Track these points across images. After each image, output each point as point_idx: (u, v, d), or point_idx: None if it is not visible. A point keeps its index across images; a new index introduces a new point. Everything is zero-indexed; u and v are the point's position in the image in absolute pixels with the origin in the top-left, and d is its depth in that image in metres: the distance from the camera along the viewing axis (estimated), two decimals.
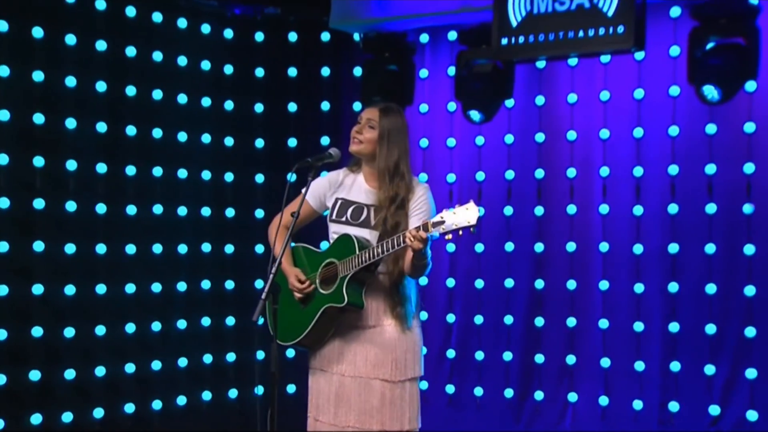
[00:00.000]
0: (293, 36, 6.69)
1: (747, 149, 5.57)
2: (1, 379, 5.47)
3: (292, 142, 6.71)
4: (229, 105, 6.54)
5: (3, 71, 5.49)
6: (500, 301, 6.34)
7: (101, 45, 5.89)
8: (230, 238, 6.53)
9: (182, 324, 6.28)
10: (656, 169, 5.84)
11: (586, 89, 6.06)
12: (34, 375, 5.58)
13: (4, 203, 5.51)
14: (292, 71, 6.70)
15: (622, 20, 5.24)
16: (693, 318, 5.72)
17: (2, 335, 5.50)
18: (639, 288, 5.88)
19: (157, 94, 6.18)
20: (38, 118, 5.64)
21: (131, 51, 6.03)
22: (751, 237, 5.56)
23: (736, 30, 5.22)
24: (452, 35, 6.36)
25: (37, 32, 5.62)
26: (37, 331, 5.61)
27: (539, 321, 6.22)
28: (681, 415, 5.76)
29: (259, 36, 6.64)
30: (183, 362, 6.28)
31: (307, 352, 3.90)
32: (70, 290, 5.75)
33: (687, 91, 5.56)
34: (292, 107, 6.72)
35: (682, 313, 5.76)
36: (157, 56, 6.19)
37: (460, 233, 3.39)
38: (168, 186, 6.23)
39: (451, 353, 6.51)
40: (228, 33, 6.54)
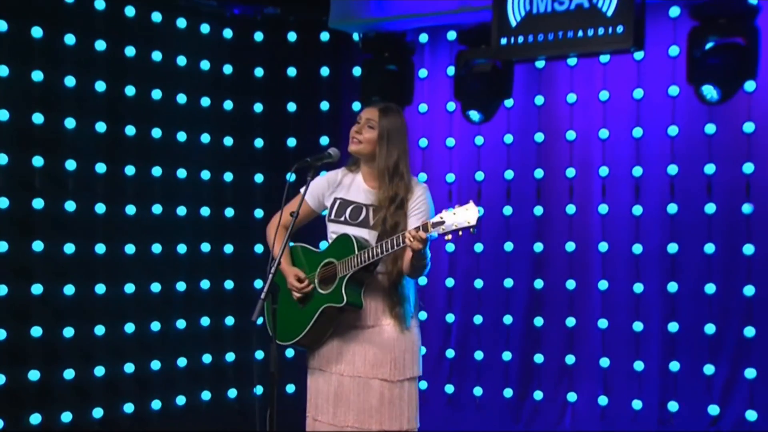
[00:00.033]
0: (293, 36, 6.69)
1: (746, 149, 5.57)
2: (1, 379, 5.47)
3: (292, 142, 6.70)
4: (229, 105, 6.54)
5: (2, 71, 5.49)
6: (499, 301, 6.34)
7: (100, 45, 5.89)
8: (229, 238, 6.53)
9: (181, 324, 6.28)
10: (655, 169, 5.84)
11: (586, 89, 6.06)
12: (34, 375, 5.58)
13: (4, 203, 5.50)
14: (292, 71, 6.70)
15: (622, 20, 5.24)
16: (692, 318, 5.72)
17: (1, 335, 5.50)
18: (638, 288, 5.87)
19: (157, 94, 6.18)
20: (37, 118, 5.64)
21: (130, 51, 6.03)
22: (751, 237, 5.56)
23: (736, 30, 5.22)
24: (451, 35, 6.36)
25: (37, 32, 5.62)
26: (37, 331, 5.60)
27: (538, 321, 6.22)
28: (680, 415, 5.76)
29: (259, 36, 6.64)
30: (182, 362, 6.28)
31: (306, 352, 3.90)
32: (70, 290, 5.75)
33: (686, 91, 5.56)
34: (292, 107, 6.72)
35: (682, 313, 5.76)
36: (157, 56, 6.19)
37: (460, 234, 3.38)
38: (167, 186, 6.23)
39: (451, 353, 6.51)
40: (227, 33, 6.54)
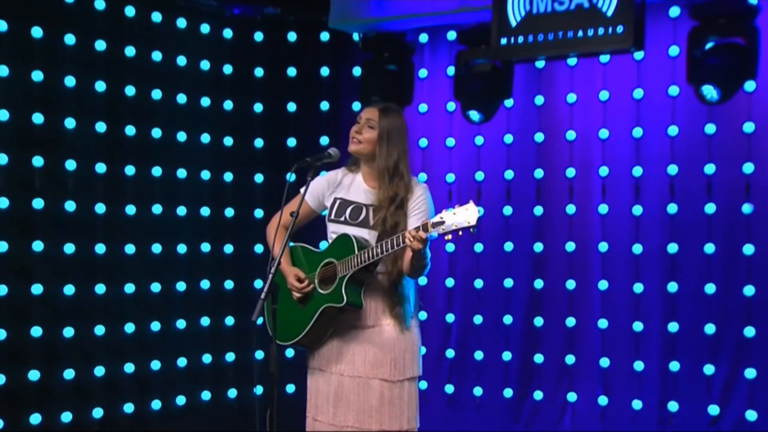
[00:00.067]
0: (292, 36, 6.69)
1: (746, 149, 5.57)
2: (1, 379, 5.47)
3: (292, 142, 6.70)
4: (229, 105, 6.54)
5: (2, 71, 5.49)
6: (499, 301, 6.34)
7: (100, 45, 5.89)
8: (229, 238, 6.52)
9: (181, 324, 6.28)
10: (655, 169, 5.84)
11: (586, 89, 6.06)
12: (34, 375, 5.58)
13: (4, 203, 5.50)
14: (292, 71, 6.69)
15: (622, 20, 5.23)
16: (692, 318, 5.72)
17: (1, 335, 5.50)
18: (638, 288, 5.87)
19: (157, 94, 6.18)
20: (37, 118, 5.64)
21: (130, 51, 6.03)
22: (751, 237, 5.56)
23: (736, 30, 5.22)
24: (451, 35, 6.36)
25: (37, 32, 5.62)
26: (37, 331, 5.60)
27: (538, 321, 6.21)
28: (680, 415, 5.76)
29: (259, 36, 6.64)
30: (182, 362, 6.28)
31: (306, 352, 3.90)
32: (70, 290, 5.75)
33: (686, 91, 5.56)
34: (292, 107, 6.72)
35: (682, 313, 5.76)
36: (157, 56, 6.19)
37: (460, 234, 3.38)
38: (167, 186, 6.23)
39: (451, 353, 6.51)
40: (227, 33, 6.54)
